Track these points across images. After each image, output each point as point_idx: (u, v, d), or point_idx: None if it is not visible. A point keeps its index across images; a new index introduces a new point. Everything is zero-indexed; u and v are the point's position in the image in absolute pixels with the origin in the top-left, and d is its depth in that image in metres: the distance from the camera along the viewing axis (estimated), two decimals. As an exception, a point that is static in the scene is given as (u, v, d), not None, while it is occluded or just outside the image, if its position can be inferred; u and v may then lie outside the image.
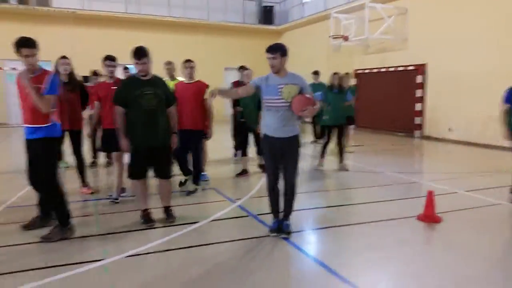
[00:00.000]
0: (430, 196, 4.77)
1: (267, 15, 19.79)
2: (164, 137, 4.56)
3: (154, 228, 4.47)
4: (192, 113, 5.68)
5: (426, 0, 12.65)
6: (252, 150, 7.31)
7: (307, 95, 3.97)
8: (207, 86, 5.80)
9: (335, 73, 7.71)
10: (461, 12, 11.50)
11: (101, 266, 3.49)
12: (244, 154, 7.14)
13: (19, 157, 8.41)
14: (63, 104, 5.23)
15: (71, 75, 5.86)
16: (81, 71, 16.40)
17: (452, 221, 4.76)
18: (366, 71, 14.93)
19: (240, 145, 7.23)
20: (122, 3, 17.36)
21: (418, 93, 13.00)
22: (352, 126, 9.68)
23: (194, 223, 4.60)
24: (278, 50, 3.93)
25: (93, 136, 6.87)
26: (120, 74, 7.18)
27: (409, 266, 3.56)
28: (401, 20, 13.29)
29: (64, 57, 5.85)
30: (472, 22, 11.19)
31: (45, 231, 4.20)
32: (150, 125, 4.43)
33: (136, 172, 4.56)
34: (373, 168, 7.85)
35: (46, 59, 16.93)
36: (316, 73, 11.32)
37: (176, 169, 5.84)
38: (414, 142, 12.52)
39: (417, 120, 13.18)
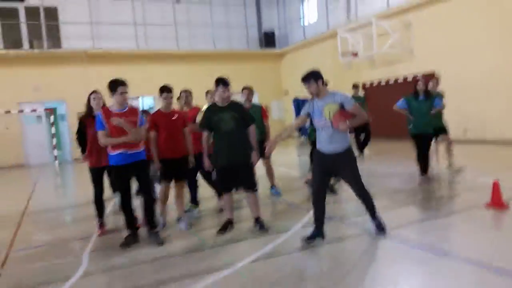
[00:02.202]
0: (496, 186, 5.24)
1: (268, 40, 20.57)
2: (245, 154, 5.02)
3: (256, 238, 4.82)
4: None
5: (428, 12, 13.45)
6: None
7: (346, 109, 4.28)
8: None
9: (419, 80, 7.16)
10: (462, 19, 12.29)
11: (234, 271, 3.85)
12: None
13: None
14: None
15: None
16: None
17: (518, 207, 5.22)
18: (374, 83, 15.59)
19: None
20: (132, 39, 17.92)
21: (429, 100, 13.64)
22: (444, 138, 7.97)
23: (287, 231, 4.97)
24: (309, 78, 4.35)
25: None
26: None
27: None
28: (405, 33, 14.05)
29: (95, 92, 5.52)
30: (474, 28, 11.98)
31: (142, 245, 4.78)
32: (230, 145, 4.91)
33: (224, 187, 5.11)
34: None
35: (61, 98, 17.47)
36: (355, 86, 11.06)
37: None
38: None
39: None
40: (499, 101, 11.55)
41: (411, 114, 7.12)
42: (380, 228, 4.56)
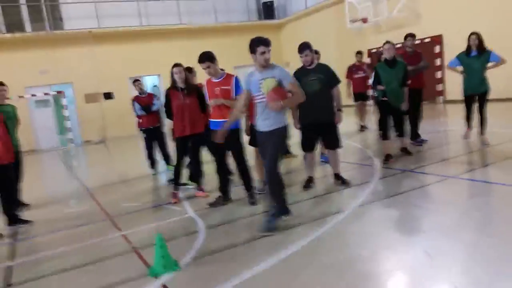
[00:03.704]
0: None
1: (268, 11, 20.64)
2: (329, 113, 5.36)
3: (344, 190, 5.30)
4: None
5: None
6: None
7: (281, 88, 4.02)
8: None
9: (472, 34, 6.73)
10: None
11: (348, 215, 4.32)
12: (385, 137, 6.59)
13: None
14: (183, 110, 5.58)
15: (186, 80, 5.73)
16: (105, 86, 17.01)
17: None
18: (381, 49, 15.98)
19: (381, 127, 6.65)
20: (135, 17, 17.78)
21: (438, 62, 14.17)
22: None
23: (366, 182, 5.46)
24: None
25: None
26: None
27: None
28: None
29: (176, 65, 5.68)
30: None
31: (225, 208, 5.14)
32: (316, 105, 5.23)
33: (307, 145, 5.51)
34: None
35: (68, 81, 17.31)
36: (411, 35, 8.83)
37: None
38: (439, 106, 13.72)
39: (439, 87, 14.37)
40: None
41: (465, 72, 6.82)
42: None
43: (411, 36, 7.55)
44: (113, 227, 4.97)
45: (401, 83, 6.34)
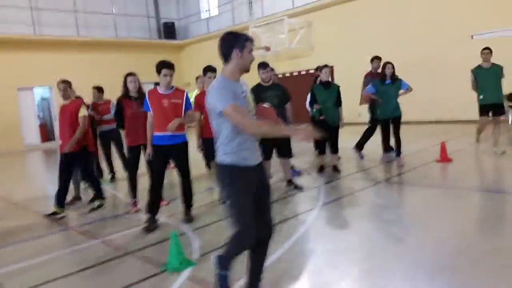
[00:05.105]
0: (443, 145, 7.28)
1: (169, 31, 20.85)
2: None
3: (299, 192, 5.98)
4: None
5: (326, 13, 15.81)
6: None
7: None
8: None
9: (387, 63, 7.28)
10: (357, 19, 14.89)
11: (319, 211, 4.99)
12: (322, 152, 7.31)
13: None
14: (137, 119, 5.51)
15: (140, 90, 5.72)
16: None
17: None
18: (280, 75, 17.45)
19: (318, 143, 7.21)
20: (28, 25, 16.47)
21: (330, 89, 16.04)
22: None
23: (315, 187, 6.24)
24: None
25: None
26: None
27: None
28: (307, 31, 16.19)
29: (130, 74, 5.70)
30: (367, 26, 14.67)
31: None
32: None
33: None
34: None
35: None
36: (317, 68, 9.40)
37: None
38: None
39: (331, 111, 16.24)
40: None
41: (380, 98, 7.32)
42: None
43: (377, 58, 8.28)
44: (83, 236, 4.83)
45: (336, 103, 6.86)
